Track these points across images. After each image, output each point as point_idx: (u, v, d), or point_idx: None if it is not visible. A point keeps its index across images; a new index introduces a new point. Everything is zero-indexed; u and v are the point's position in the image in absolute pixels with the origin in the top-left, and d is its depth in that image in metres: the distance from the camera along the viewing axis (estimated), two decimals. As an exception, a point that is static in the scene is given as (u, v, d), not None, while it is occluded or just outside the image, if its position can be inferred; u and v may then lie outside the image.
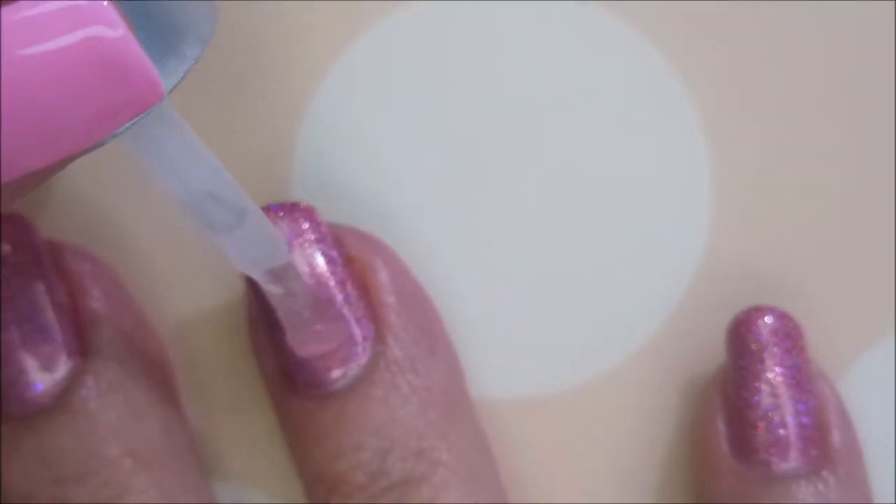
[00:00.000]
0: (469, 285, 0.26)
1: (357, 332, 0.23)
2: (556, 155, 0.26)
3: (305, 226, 0.23)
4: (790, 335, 0.24)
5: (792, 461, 0.24)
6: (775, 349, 0.24)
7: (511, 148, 0.26)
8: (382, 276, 0.24)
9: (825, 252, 0.26)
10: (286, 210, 0.23)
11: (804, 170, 0.26)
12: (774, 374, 0.24)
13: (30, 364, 0.23)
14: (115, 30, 0.16)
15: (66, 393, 0.23)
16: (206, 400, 0.26)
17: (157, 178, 0.19)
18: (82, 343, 0.24)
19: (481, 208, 0.26)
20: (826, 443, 0.24)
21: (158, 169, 0.19)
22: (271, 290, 0.21)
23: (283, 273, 0.21)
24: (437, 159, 0.26)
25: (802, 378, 0.24)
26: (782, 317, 0.24)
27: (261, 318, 0.24)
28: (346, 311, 0.23)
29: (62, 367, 0.23)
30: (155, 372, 0.24)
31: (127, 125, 0.18)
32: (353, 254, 0.24)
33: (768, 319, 0.24)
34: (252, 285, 0.23)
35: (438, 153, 0.26)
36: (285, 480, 0.25)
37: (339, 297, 0.23)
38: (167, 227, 0.25)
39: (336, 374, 0.23)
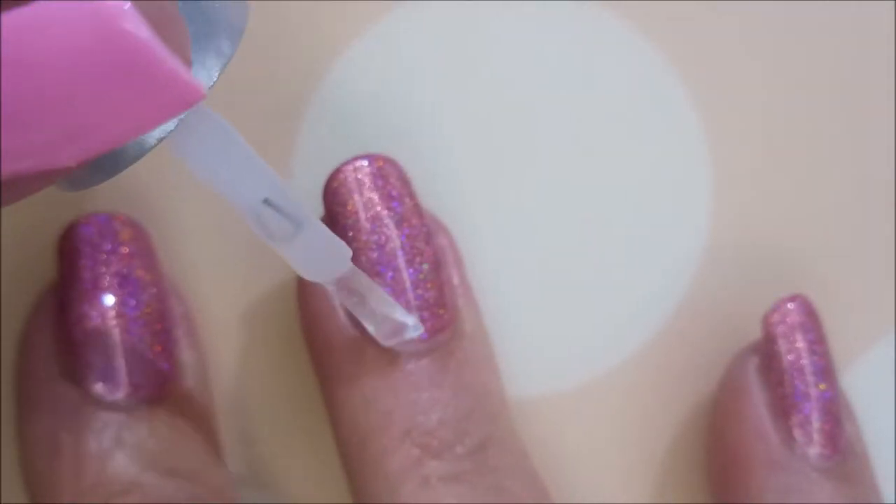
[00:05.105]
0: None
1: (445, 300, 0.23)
2: (557, 155, 0.26)
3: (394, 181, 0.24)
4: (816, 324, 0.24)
5: (834, 453, 0.24)
6: (811, 336, 0.24)
7: (510, 148, 0.26)
8: (456, 254, 0.24)
9: (825, 252, 0.26)
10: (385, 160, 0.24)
11: (804, 169, 0.26)
12: (812, 362, 0.24)
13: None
14: (137, 30, 0.15)
15: (190, 392, 0.24)
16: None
17: (211, 187, 0.19)
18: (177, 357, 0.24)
19: (480, 209, 0.26)
20: (845, 435, 0.24)
21: (211, 177, 0.19)
22: (341, 296, 0.22)
23: (349, 279, 0.21)
24: (436, 160, 0.26)
25: (831, 367, 0.24)
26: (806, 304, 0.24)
27: None
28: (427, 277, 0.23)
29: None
30: (211, 399, 0.25)
31: (169, 128, 0.17)
32: (432, 229, 0.24)
33: (791, 306, 0.24)
34: None
35: (438, 154, 0.26)
36: (286, 478, 0.25)
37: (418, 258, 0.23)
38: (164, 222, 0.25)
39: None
